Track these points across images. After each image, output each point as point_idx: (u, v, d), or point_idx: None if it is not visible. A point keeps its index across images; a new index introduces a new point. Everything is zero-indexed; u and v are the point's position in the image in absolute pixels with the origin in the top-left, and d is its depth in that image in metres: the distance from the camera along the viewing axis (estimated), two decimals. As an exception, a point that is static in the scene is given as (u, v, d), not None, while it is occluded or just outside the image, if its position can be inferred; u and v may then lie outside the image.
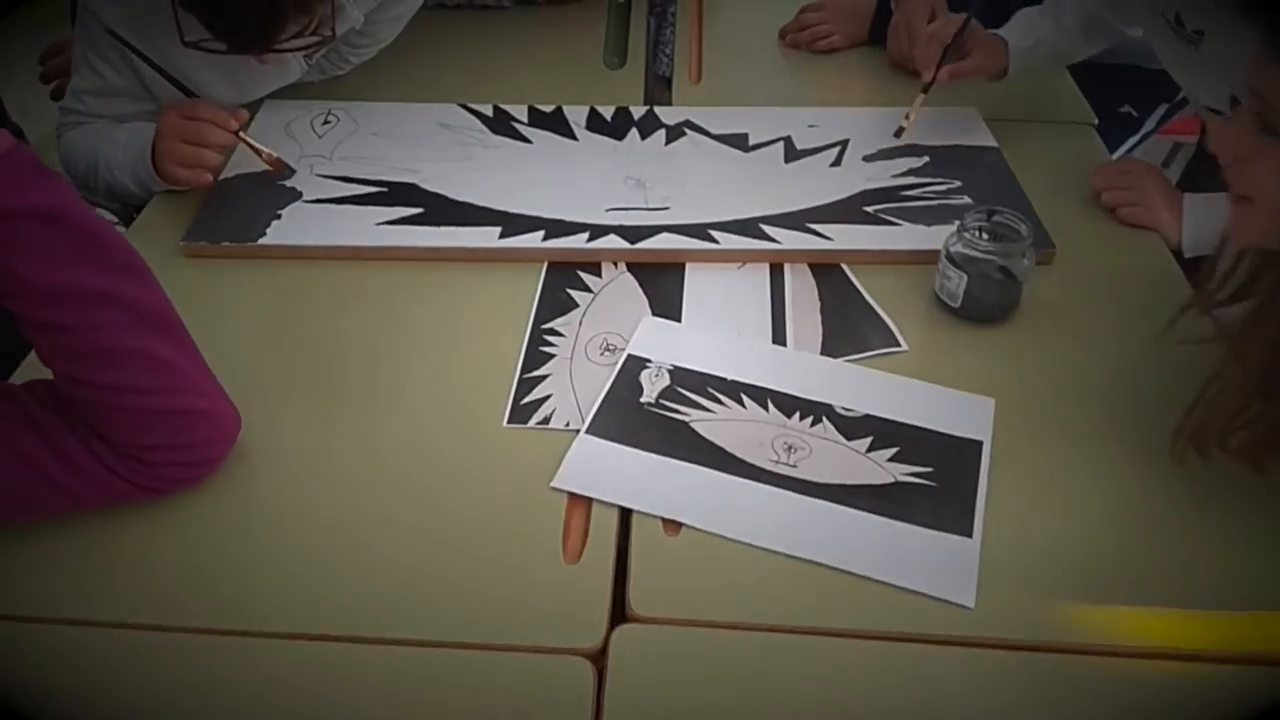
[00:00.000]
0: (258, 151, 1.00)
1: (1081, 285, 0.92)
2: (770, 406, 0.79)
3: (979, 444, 0.76)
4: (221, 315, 0.88)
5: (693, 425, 0.77)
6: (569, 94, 1.17)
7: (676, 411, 0.78)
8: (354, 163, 1.04)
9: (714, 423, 0.77)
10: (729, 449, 0.75)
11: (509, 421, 0.78)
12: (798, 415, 0.78)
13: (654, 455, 0.74)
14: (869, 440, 0.76)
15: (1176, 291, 0.92)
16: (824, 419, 0.78)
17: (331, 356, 0.85)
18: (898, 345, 0.85)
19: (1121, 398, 0.81)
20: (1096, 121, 1.17)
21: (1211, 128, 0.99)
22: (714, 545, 0.69)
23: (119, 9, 0.99)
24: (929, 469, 0.74)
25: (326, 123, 1.10)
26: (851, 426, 0.77)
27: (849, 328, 0.86)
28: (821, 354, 0.84)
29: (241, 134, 0.98)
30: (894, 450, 0.75)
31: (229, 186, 1.00)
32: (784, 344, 0.85)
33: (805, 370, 0.82)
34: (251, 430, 0.75)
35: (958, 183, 1.02)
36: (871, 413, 0.78)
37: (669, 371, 0.81)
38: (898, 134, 1.06)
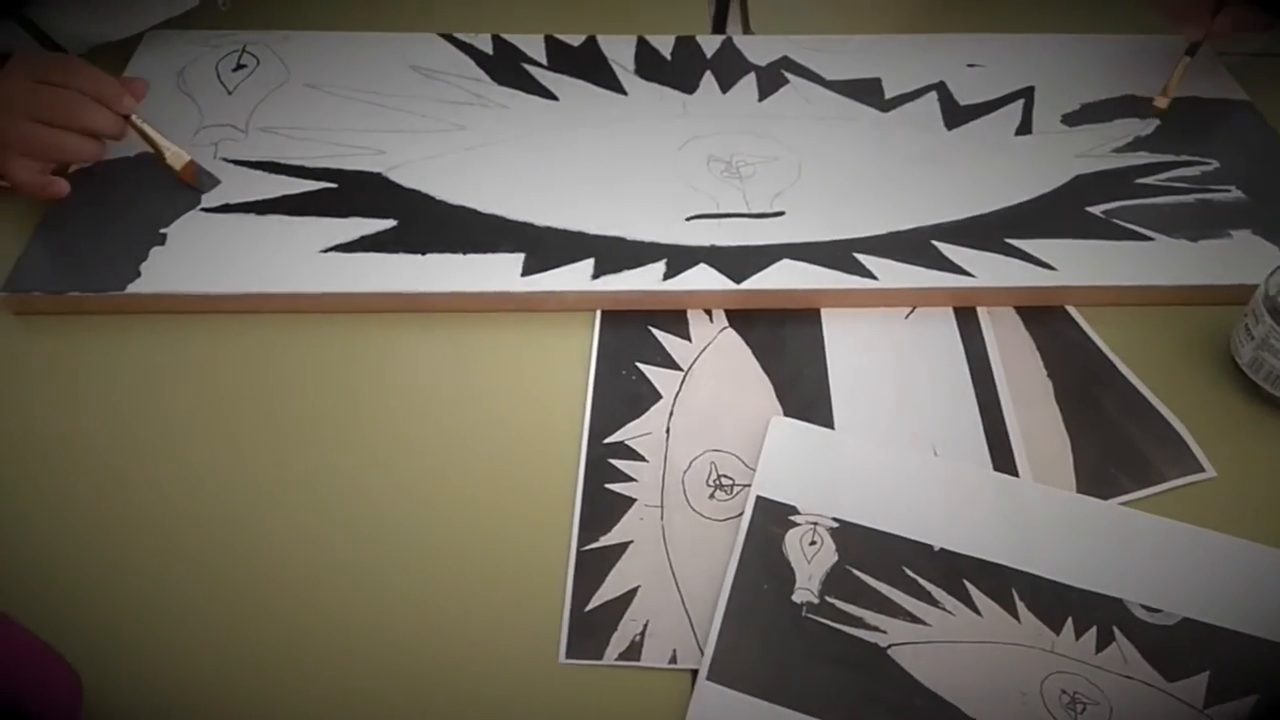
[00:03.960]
0: (159, 152, 0.61)
1: None
2: (1020, 606, 0.46)
3: (1391, 678, 0.44)
4: (66, 418, 0.53)
5: (893, 654, 0.44)
6: (601, 16, 0.79)
7: (859, 623, 0.45)
8: (283, 138, 0.66)
9: (930, 647, 0.44)
10: (968, 710, 0.42)
11: (569, 655, 0.44)
12: (1070, 626, 0.45)
13: (837, 727, 0.42)
14: (1204, 678, 0.44)
15: None
16: (1117, 632, 0.45)
17: (250, 505, 0.50)
18: (1200, 469, 0.51)
19: None
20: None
21: None
22: None
23: None
24: (1330, 747, 0.42)
25: (241, 67, 0.72)
26: (1167, 647, 0.44)
27: (1112, 434, 0.53)
28: (1079, 491, 0.50)
29: (135, 119, 0.61)
30: (1250, 702, 0.43)
31: (81, 186, 0.62)
32: (1012, 469, 0.51)
33: (1063, 529, 0.48)
34: (104, 686, 0.41)
35: (1213, 162, 0.67)
36: (1193, 616, 0.45)
37: (831, 532, 0.48)
38: (1155, 112, 0.70)
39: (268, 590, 0.47)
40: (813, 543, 0.47)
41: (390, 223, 0.61)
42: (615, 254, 0.60)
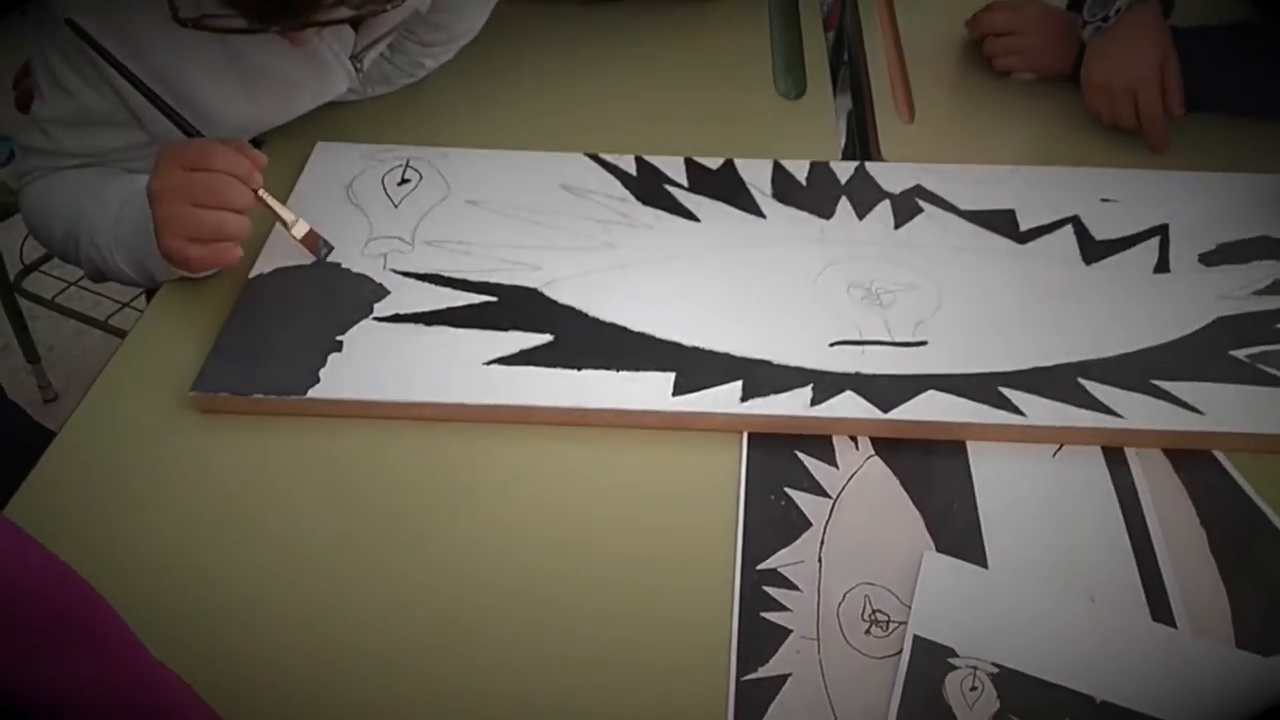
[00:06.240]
0: (284, 222, 0.68)
1: None
2: (1187, 768, 0.45)
3: None
4: (250, 511, 0.56)
5: (1061, 810, 0.44)
6: (732, 138, 0.83)
7: (1025, 775, 0.45)
8: (447, 251, 0.71)
9: (1099, 806, 0.44)
10: None
11: (736, 789, 0.45)
12: (1242, 792, 0.45)
13: None
14: None
15: None
16: (1292, 803, 0.44)
17: (404, 606, 0.52)
18: (1365, 631, 0.51)
19: None
20: None
21: None
22: None
23: None
24: None
25: (405, 181, 0.77)
26: (1344, 821, 0.44)
27: (1269, 588, 0.52)
28: (1239, 646, 0.50)
29: (261, 192, 0.66)
30: None
31: (262, 293, 0.67)
32: (1170, 620, 0.51)
33: (1226, 686, 0.48)
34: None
35: (1358, 307, 0.67)
36: (1374, 792, 0.45)
37: (991, 678, 0.48)
38: None
39: (418, 696, 0.48)
40: (974, 688, 0.48)
41: (547, 337, 0.64)
42: (762, 377, 0.62)
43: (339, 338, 0.63)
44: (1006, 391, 0.61)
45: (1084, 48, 0.84)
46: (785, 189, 0.77)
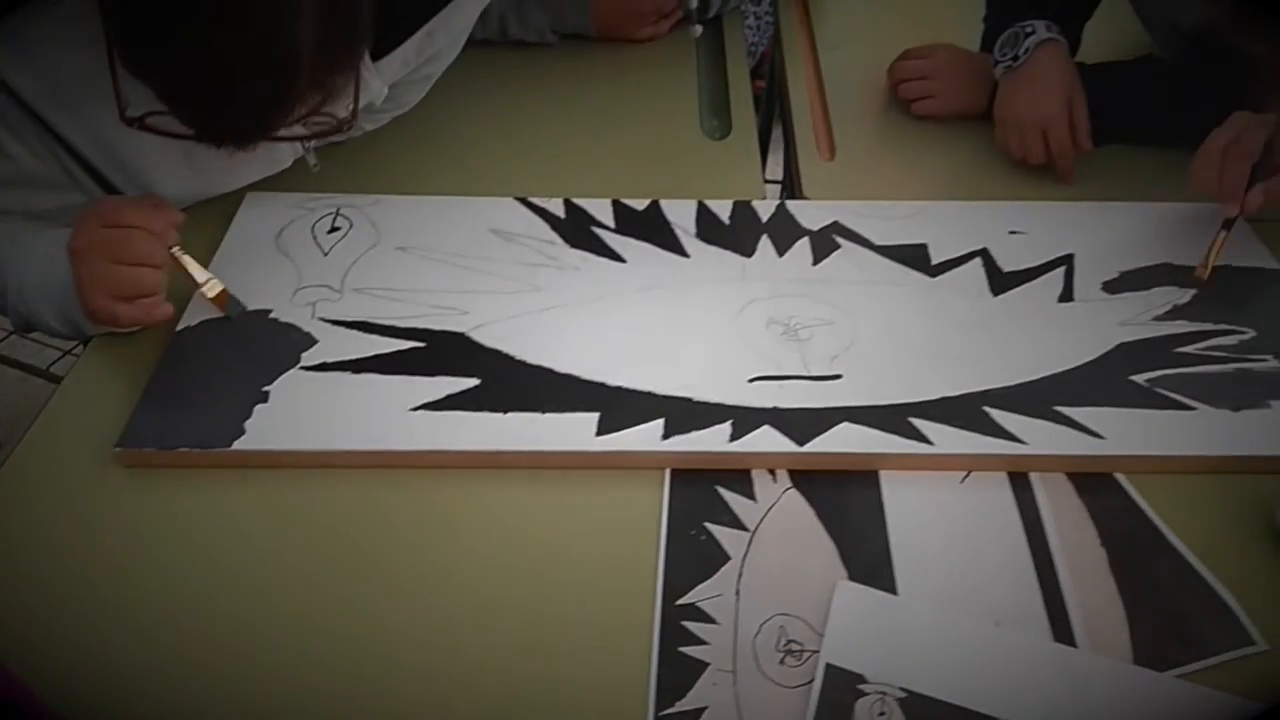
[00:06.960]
0: (195, 281, 0.69)
1: None
2: (1084, 783, 0.47)
3: None
4: (176, 568, 0.57)
5: (964, 829, 0.46)
6: (660, 177, 0.85)
7: (930, 796, 0.47)
8: (375, 298, 0.72)
9: (999, 824, 0.46)
10: None
11: (651, 823, 0.46)
12: (1135, 804, 0.47)
13: None
14: None
15: None
16: (1181, 812, 0.46)
17: (332, 650, 0.53)
18: (1250, 641, 0.53)
19: None
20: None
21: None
22: None
23: (26, 63, 0.67)
24: None
25: (335, 229, 0.78)
26: (1230, 827, 0.46)
27: (1165, 605, 0.55)
28: (1136, 662, 0.52)
29: (175, 249, 0.67)
30: None
31: (189, 346, 0.68)
32: (1071, 640, 0.53)
33: (1122, 702, 0.50)
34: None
35: (1249, 331, 0.70)
36: (1257, 798, 0.47)
37: (899, 703, 0.50)
38: (1195, 283, 0.74)
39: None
40: (881, 713, 0.49)
41: (474, 381, 0.65)
42: (684, 414, 0.63)
43: (265, 388, 0.64)
44: (916, 422, 0.63)
45: (996, 86, 0.88)
46: (708, 228, 0.79)
